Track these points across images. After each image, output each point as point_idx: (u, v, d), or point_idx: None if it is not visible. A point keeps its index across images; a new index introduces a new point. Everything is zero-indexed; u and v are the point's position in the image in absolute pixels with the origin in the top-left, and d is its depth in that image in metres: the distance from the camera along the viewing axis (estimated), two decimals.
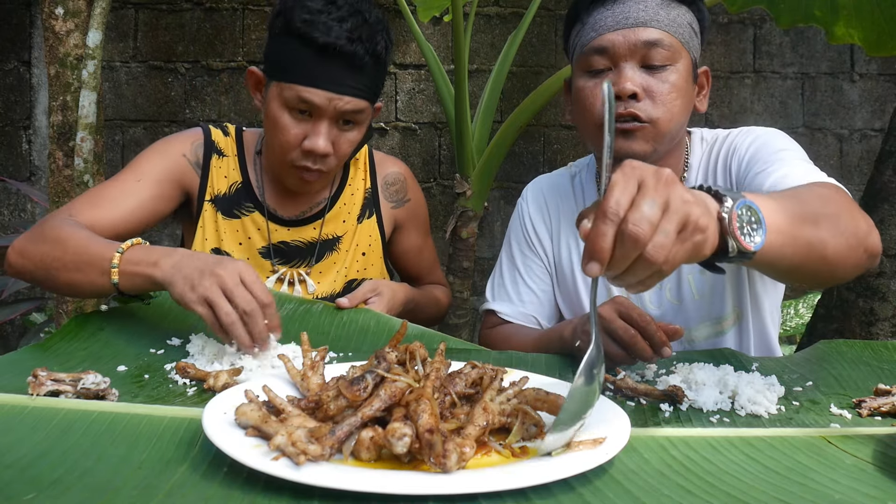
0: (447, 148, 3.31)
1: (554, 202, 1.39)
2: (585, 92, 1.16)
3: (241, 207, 1.39)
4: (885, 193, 1.83)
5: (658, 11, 1.12)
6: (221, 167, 1.38)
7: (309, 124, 1.24)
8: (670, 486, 0.63)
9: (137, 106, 3.26)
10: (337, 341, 1.12)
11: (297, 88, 1.21)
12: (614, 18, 1.12)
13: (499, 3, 3.27)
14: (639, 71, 1.12)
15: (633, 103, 1.12)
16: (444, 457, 0.60)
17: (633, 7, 1.12)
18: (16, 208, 3.29)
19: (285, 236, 1.40)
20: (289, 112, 1.24)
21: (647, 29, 1.11)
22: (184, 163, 1.35)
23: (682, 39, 1.14)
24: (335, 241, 1.43)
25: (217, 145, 1.39)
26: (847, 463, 0.69)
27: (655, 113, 1.12)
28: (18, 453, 0.67)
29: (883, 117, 3.37)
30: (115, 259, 1.03)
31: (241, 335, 0.93)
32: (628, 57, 1.12)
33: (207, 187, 1.37)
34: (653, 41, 1.11)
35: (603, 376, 0.72)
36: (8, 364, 0.93)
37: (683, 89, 1.14)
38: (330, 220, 1.42)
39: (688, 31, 1.15)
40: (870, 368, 1.02)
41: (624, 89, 1.10)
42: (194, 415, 0.77)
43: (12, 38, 3.22)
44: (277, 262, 1.39)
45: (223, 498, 0.59)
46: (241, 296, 0.93)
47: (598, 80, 1.13)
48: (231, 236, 1.38)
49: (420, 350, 0.79)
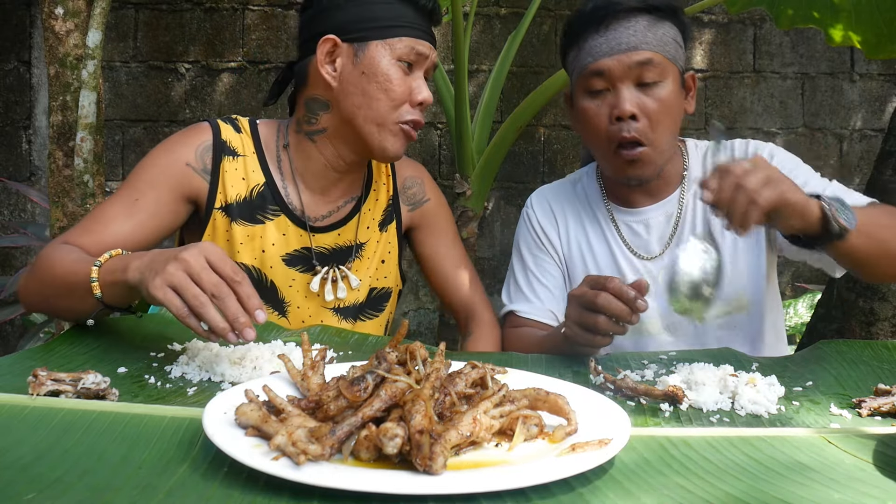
0: (447, 148, 3.31)
1: (559, 205, 1.45)
2: (589, 112, 1.28)
3: (265, 211, 1.30)
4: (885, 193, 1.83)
5: (646, 34, 1.23)
6: (238, 169, 1.29)
7: (410, 78, 1.27)
8: (670, 486, 0.63)
9: (137, 106, 3.27)
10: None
11: (408, 41, 1.25)
12: (608, 45, 1.24)
13: (499, 3, 3.28)
14: (634, 91, 1.24)
15: (633, 125, 1.23)
16: (431, 459, 0.60)
17: (624, 32, 1.23)
18: (16, 208, 3.29)
19: (308, 242, 1.33)
20: (398, 67, 1.25)
21: (638, 52, 1.23)
22: (188, 172, 1.25)
23: (669, 55, 1.26)
24: (359, 248, 1.37)
25: (229, 145, 1.29)
26: (847, 463, 0.69)
27: (652, 134, 1.25)
28: (18, 453, 0.67)
29: (883, 117, 3.37)
30: (93, 273, 1.01)
31: (213, 317, 0.87)
32: (624, 79, 1.24)
33: (218, 194, 1.27)
34: (644, 62, 1.23)
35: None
36: (8, 365, 0.93)
37: (674, 101, 1.27)
38: (355, 226, 1.37)
39: (673, 46, 1.27)
40: (870, 368, 1.02)
41: (624, 111, 1.22)
42: (194, 415, 0.77)
43: (12, 38, 3.22)
44: (299, 270, 1.33)
45: (223, 498, 0.59)
46: (208, 277, 0.88)
47: (600, 101, 1.26)
48: (249, 245, 1.29)
49: (420, 350, 0.79)
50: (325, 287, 1.33)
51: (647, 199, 1.37)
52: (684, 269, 1.04)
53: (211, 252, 0.91)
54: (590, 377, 0.96)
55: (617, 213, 1.39)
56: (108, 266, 1.01)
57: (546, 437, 0.71)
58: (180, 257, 0.90)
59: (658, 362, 1.06)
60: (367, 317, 1.40)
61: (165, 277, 0.89)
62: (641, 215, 1.37)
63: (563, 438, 0.70)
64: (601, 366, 0.96)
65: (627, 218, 1.38)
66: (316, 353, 0.88)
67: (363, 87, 1.24)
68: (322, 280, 1.33)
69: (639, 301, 0.98)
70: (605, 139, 1.26)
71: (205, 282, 0.88)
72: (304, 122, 1.31)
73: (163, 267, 0.90)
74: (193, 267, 0.89)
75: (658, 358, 1.08)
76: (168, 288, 0.88)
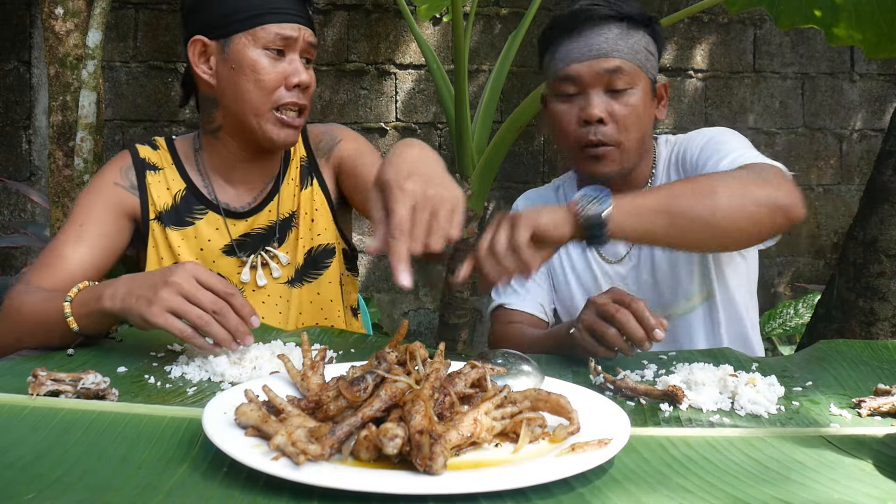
0: (447, 148, 3.31)
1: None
2: (560, 116, 1.31)
3: (191, 212, 1.37)
4: (885, 193, 1.83)
5: (617, 42, 1.26)
6: (160, 181, 1.37)
7: (283, 63, 1.27)
8: (670, 486, 0.63)
9: (137, 106, 3.27)
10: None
11: (271, 28, 1.25)
12: (579, 50, 1.26)
13: (499, 3, 3.28)
14: (604, 96, 1.27)
15: (600, 128, 1.26)
16: (431, 459, 0.60)
17: (595, 39, 1.26)
18: (16, 208, 3.29)
19: (244, 228, 1.38)
20: (265, 55, 1.26)
21: (608, 59, 1.25)
22: (118, 191, 1.33)
23: (640, 64, 1.28)
24: (291, 218, 1.41)
25: (148, 161, 1.37)
26: (847, 463, 0.69)
27: (619, 136, 1.27)
28: (18, 453, 0.67)
29: (883, 117, 3.37)
30: (66, 309, 1.04)
31: (217, 332, 0.93)
32: (594, 84, 1.26)
33: (149, 206, 1.35)
34: (614, 69, 1.25)
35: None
36: (8, 365, 0.94)
37: (643, 108, 1.29)
38: (282, 199, 1.41)
39: (644, 54, 1.29)
40: (870, 368, 1.02)
41: (591, 115, 1.25)
42: (194, 415, 0.77)
43: (12, 38, 3.22)
44: (244, 255, 1.37)
45: (223, 498, 0.59)
46: (205, 296, 0.94)
47: (570, 104, 1.29)
48: (187, 246, 1.36)
49: (420, 350, 0.79)
50: (256, 273, 1.37)
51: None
52: None
53: (198, 272, 0.96)
54: (590, 377, 0.96)
55: None
56: (80, 299, 1.05)
57: (547, 438, 0.71)
58: (171, 281, 0.94)
59: (658, 362, 1.06)
60: (311, 277, 1.41)
61: (163, 304, 0.94)
62: None
63: (565, 438, 0.70)
64: (601, 366, 0.96)
65: None
66: (316, 353, 0.89)
67: (235, 82, 1.27)
68: (252, 268, 1.37)
69: (657, 331, 0.98)
70: (573, 140, 1.29)
71: (203, 301, 0.93)
72: (205, 122, 1.37)
73: (154, 293, 0.94)
74: (188, 289, 0.94)
75: (658, 358, 1.08)
76: (168, 313, 0.93)
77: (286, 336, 1.12)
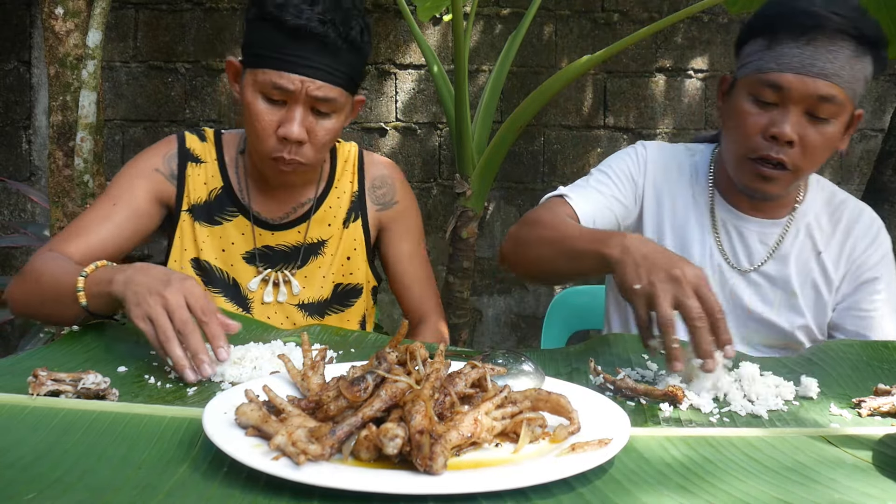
0: (447, 148, 3.31)
1: (673, 172, 1.38)
2: (745, 118, 1.20)
3: (222, 213, 1.37)
4: (885, 193, 1.83)
5: (843, 66, 1.13)
6: (200, 174, 1.37)
7: (283, 112, 1.22)
8: (670, 486, 0.63)
9: (137, 106, 3.27)
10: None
11: (269, 74, 1.19)
12: (801, 60, 1.13)
13: (499, 3, 3.28)
14: (802, 117, 1.16)
15: (785, 149, 1.16)
16: (431, 459, 0.60)
17: (823, 55, 1.13)
18: (16, 208, 3.29)
19: (269, 240, 1.37)
20: (263, 100, 1.22)
21: (827, 83, 1.13)
22: (157, 177, 1.34)
23: (853, 95, 1.17)
24: (320, 245, 1.40)
25: (193, 153, 1.37)
26: (847, 463, 0.69)
27: (801, 163, 1.18)
28: (18, 453, 0.67)
29: (883, 117, 3.37)
30: (79, 283, 1.06)
31: (173, 351, 0.91)
32: (799, 102, 1.15)
33: (184, 197, 1.36)
34: (828, 96, 1.14)
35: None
36: (8, 365, 0.94)
37: (836, 140, 1.19)
38: (315, 223, 1.39)
39: (861, 85, 1.17)
40: (870, 368, 1.02)
41: (784, 135, 1.15)
42: (194, 415, 0.77)
43: (12, 38, 3.22)
44: (262, 267, 1.37)
45: (223, 498, 0.59)
46: (179, 315, 0.93)
47: (763, 112, 1.18)
48: (211, 244, 1.36)
49: (420, 350, 0.79)
50: (266, 288, 1.37)
51: (754, 210, 1.32)
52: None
53: (190, 291, 0.96)
54: (590, 377, 0.96)
55: (718, 206, 1.34)
56: (94, 277, 1.06)
57: (547, 437, 0.71)
58: (162, 293, 0.95)
59: (658, 363, 1.06)
60: (333, 312, 1.42)
61: (145, 308, 0.95)
62: (741, 222, 1.33)
63: (566, 438, 0.70)
64: (600, 366, 0.96)
65: (727, 216, 1.33)
66: (316, 353, 0.89)
67: (245, 113, 1.27)
68: (263, 281, 1.37)
69: (728, 347, 0.90)
70: (749, 148, 1.19)
71: (175, 319, 0.93)
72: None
73: (144, 297, 0.95)
74: (171, 304, 0.94)
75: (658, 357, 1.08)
76: (147, 319, 0.94)
77: (286, 336, 1.12)
